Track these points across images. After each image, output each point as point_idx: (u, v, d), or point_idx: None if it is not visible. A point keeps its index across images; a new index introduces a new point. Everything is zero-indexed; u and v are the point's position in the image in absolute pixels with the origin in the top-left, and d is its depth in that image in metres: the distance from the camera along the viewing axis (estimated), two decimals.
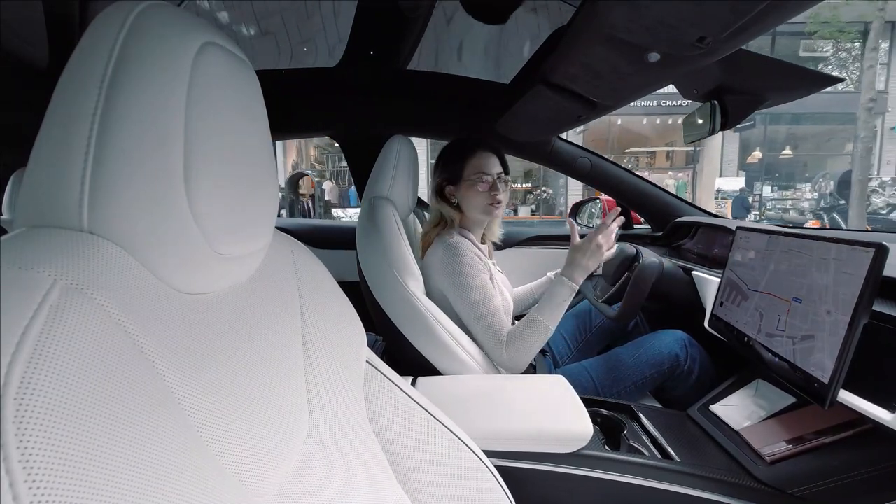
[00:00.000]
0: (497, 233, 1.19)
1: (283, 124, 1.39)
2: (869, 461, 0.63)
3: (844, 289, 0.60)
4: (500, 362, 0.96)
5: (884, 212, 8.91)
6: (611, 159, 1.53)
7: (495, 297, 0.99)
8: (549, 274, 1.33)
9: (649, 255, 1.06)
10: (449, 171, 1.07)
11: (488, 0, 0.91)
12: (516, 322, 0.98)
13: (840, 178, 9.19)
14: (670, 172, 13.38)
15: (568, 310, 1.23)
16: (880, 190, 9.81)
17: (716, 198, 11.13)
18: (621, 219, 1.02)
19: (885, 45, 11.05)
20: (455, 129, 1.40)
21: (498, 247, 1.35)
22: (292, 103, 1.37)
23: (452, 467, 0.51)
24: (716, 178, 11.85)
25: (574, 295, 0.98)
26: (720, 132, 1.11)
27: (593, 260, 0.99)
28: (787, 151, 13.01)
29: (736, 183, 11.19)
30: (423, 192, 1.24)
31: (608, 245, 1.00)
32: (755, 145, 13.01)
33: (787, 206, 11.97)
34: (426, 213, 1.32)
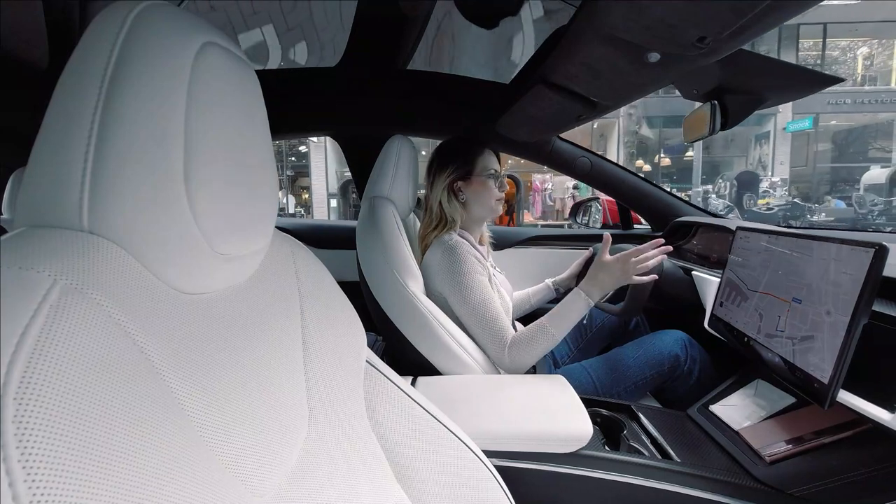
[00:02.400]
0: (487, 234, 1.20)
1: (283, 124, 1.39)
2: (869, 461, 0.63)
3: (844, 289, 0.60)
4: (502, 365, 0.96)
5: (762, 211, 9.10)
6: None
7: (495, 299, 0.99)
8: (547, 281, 1.34)
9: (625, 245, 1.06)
10: (460, 169, 1.05)
11: (483, 4, 0.91)
12: (517, 324, 0.99)
13: (736, 178, 9.29)
14: None
15: None
16: (771, 191, 10.03)
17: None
18: (666, 248, 0.94)
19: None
20: (455, 129, 1.40)
21: (498, 247, 1.35)
22: (292, 103, 1.37)
23: (452, 467, 0.51)
24: None
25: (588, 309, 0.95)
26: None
27: (617, 283, 0.93)
28: (690, 154, 13.42)
29: None
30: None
31: (637, 272, 0.92)
32: (653, 149, 13.44)
33: None
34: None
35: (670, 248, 0.95)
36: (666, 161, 13.56)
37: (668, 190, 1.56)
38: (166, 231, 0.29)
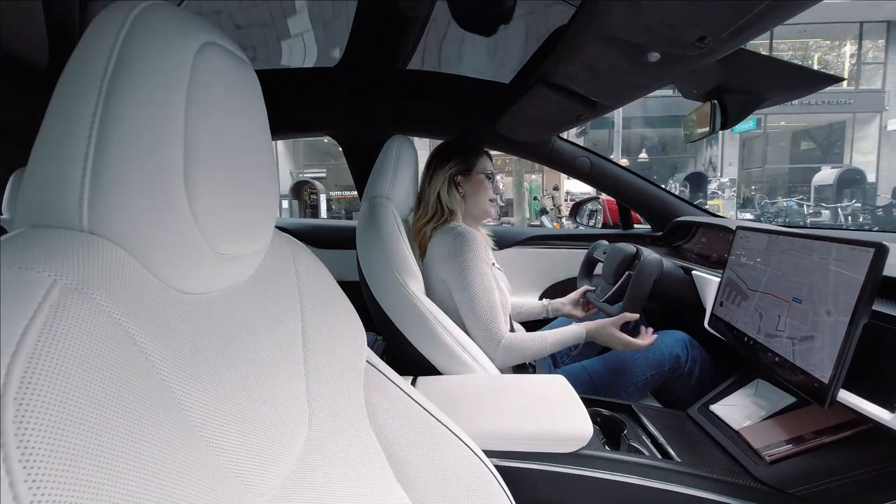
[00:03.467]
0: (486, 232, 1.21)
1: (283, 124, 1.39)
2: (869, 461, 0.63)
3: (844, 289, 0.60)
4: (491, 357, 0.98)
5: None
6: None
7: (495, 292, 1.00)
8: (543, 301, 1.36)
9: (650, 252, 1.06)
10: (462, 163, 1.09)
11: (477, 12, 0.91)
12: (513, 322, 0.99)
13: (686, 179, 9.31)
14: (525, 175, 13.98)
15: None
16: (720, 192, 10.08)
17: (565, 199, 11.71)
18: (653, 338, 1.04)
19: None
20: (455, 129, 1.40)
21: (498, 247, 1.35)
22: (292, 103, 1.37)
23: (452, 467, 0.51)
24: (562, 179, 12.38)
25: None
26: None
27: (610, 344, 1.03)
28: (644, 156, 13.84)
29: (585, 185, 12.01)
30: None
31: (627, 346, 1.01)
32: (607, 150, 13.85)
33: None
34: None
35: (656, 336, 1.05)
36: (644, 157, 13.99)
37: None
38: (166, 231, 0.29)
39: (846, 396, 0.60)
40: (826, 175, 10.06)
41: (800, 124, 13.66)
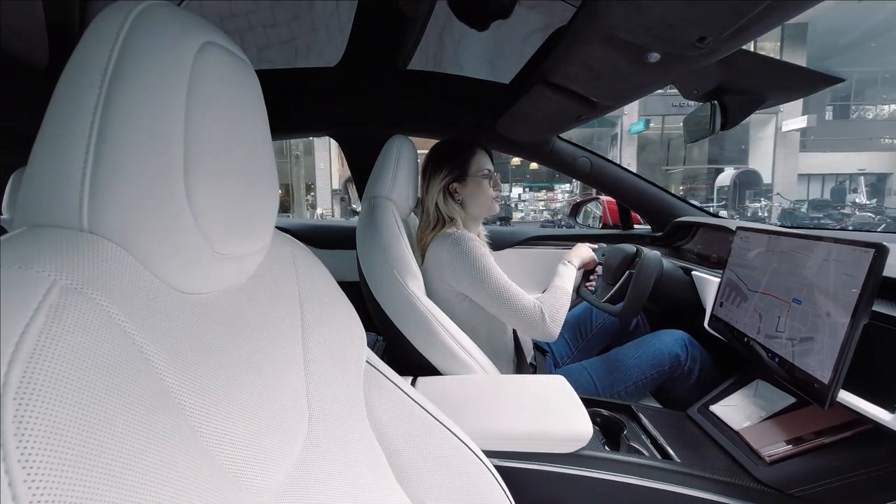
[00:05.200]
0: (483, 233, 1.21)
1: (283, 124, 1.39)
2: (869, 461, 0.63)
3: (844, 289, 0.60)
4: (544, 333, 0.98)
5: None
6: None
7: (507, 278, 1.00)
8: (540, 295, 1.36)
9: (651, 252, 1.06)
10: (455, 170, 1.07)
11: (476, 5, 0.92)
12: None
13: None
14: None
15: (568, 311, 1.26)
16: None
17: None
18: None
19: None
20: (455, 129, 1.40)
21: (497, 247, 1.35)
22: (292, 103, 1.37)
23: (452, 467, 0.51)
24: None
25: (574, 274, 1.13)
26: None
27: (580, 252, 1.20)
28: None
29: None
30: None
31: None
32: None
33: (540, 207, 14.09)
34: None
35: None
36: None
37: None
38: (166, 231, 0.29)
39: (846, 397, 0.60)
40: (726, 176, 10.27)
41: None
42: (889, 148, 13.03)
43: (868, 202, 9.48)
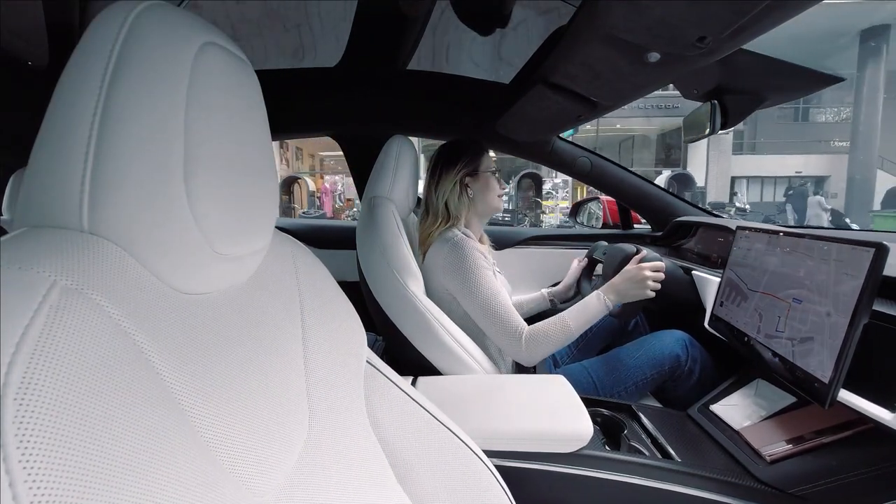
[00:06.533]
0: (485, 237, 1.22)
1: (283, 124, 1.39)
2: (869, 461, 0.63)
3: (844, 289, 0.60)
4: (518, 356, 0.96)
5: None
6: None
7: (503, 292, 1.00)
8: (543, 291, 1.36)
9: (651, 251, 1.06)
10: (469, 164, 1.10)
11: (477, 8, 0.92)
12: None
13: (521, 179, 9.40)
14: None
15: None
16: (554, 192, 10.33)
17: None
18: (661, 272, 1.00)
19: None
20: (455, 129, 1.40)
21: (498, 247, 1.35)
22: (292, 103, 1.37)
23: (452, 467, 0.51)
24: None
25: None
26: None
27: (635, 292, 0.97)
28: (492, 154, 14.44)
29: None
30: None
31: (654, 278, 0.98)
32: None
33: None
34: None
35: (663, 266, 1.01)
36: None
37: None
38: (166, 231, 0.29)
39: (846, 396, 0.60)
40: (661, 179, 10.43)
41: (649, 127, 14.28)
42: (839, 151, 12.82)
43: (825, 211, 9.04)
